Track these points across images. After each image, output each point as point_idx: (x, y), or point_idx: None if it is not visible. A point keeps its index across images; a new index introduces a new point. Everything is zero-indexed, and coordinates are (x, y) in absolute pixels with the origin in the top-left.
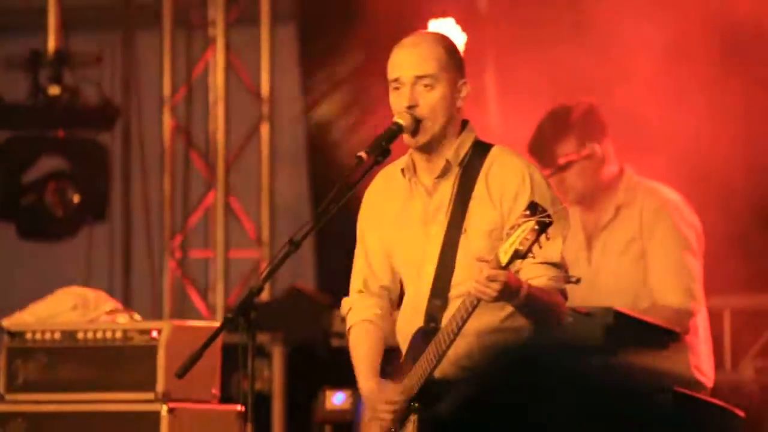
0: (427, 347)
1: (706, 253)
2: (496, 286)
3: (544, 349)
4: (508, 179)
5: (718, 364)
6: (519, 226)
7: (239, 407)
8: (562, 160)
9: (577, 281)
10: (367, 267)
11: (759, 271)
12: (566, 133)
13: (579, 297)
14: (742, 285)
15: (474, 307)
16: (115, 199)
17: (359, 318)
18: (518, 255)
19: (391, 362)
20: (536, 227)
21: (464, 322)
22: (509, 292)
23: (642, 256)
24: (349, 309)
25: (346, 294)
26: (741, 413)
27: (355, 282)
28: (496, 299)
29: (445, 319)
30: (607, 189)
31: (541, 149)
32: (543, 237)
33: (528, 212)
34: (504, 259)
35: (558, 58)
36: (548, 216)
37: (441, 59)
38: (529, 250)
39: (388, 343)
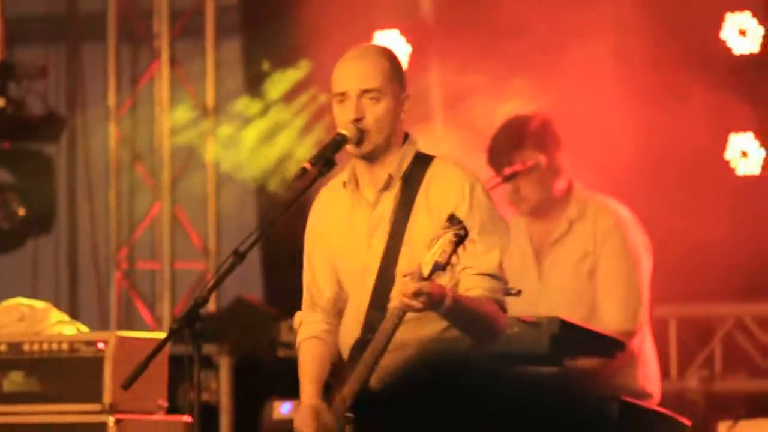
0: (361, 358)
1: (653, 262)
2: (421, 297)
3: (484, 356)
4: (447, 191)
5: (664, 373)
6: (439, 238)
7: (186, 418)
8: (507, 171)
9: (518, 293)
10: (313, 282)
11: (705, 280)
12: (523, 142)
13: (528, 310)
14: (688, 294)
15: (400, 319)
16: (61, 210)
17: (308, 335)
18: (438, 266)
19: (333, 373)
20: (453, 239)
21: (392, 334)
22: (433, 302)
23: (594, 272)
24: (300, 323)
25: (294, 305)
26: (687, 422)
27: (305, 297)
28: (422, 310)
29: None
30: (558, 202)
31: (499, 158)
32: (461, 248)
33: (447, 224)
34: (425, 271)
35: (504, 68)
36: (464, 228)
37: (386, 72)
38: (448, 261)
39: (335, 357)
